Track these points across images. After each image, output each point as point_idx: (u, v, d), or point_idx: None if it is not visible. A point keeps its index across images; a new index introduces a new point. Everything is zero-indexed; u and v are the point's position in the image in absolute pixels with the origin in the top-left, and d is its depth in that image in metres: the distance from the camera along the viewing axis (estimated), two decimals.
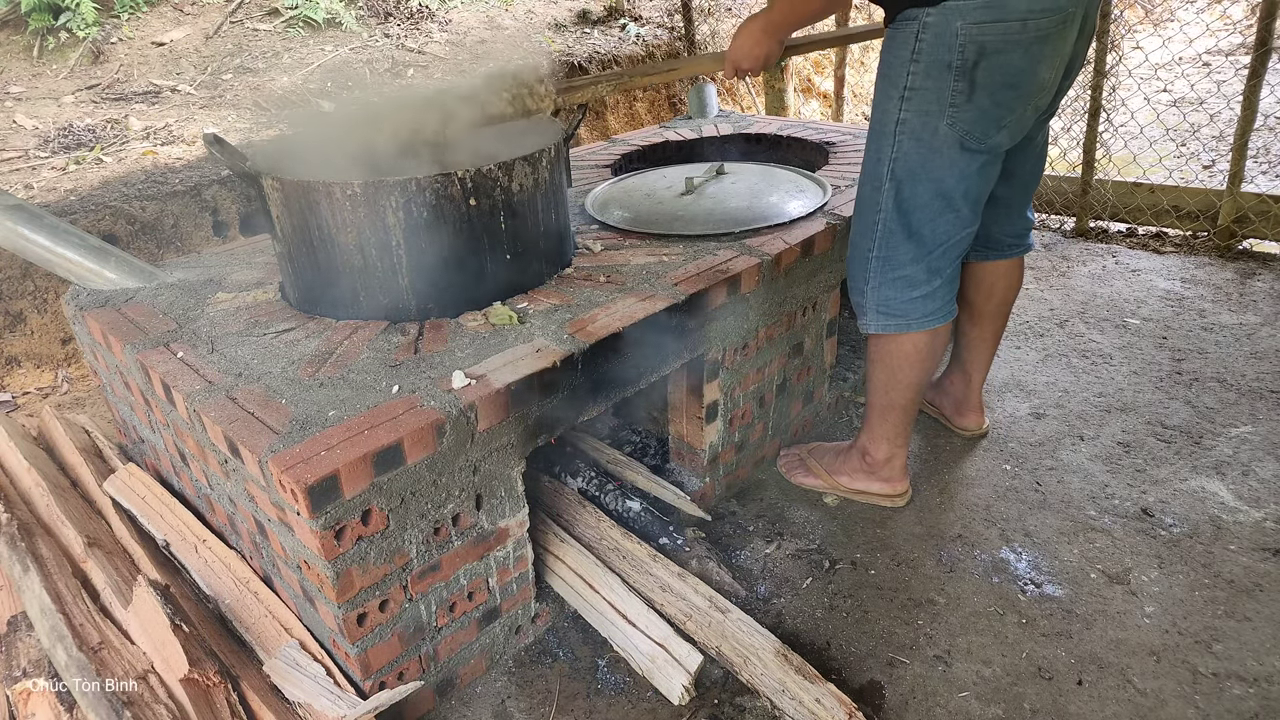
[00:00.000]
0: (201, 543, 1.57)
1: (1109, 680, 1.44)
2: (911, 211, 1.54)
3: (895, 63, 1.46)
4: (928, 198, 1.52)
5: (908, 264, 1.59)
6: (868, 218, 1.61)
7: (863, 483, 1.88)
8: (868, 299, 1.66)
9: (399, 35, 4.53)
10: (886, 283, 1.62)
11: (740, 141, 2.81)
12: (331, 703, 1.24)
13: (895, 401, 1.75)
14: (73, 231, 1.73)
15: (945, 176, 1.50)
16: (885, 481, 1.86)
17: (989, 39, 1.35)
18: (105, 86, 3.72)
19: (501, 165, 1.51)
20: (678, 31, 4.97)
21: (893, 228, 1.57)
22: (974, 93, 1.40)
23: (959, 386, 2.08)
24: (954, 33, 1.36)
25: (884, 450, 1.83)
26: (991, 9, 1.33)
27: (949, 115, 1.43)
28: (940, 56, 1.39)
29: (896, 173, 1.53)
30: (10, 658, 1.37)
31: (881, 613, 1.60)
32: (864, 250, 1.63)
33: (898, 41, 1.45)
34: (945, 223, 1.55)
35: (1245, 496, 1.85)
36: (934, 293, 1.61)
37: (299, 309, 1.63)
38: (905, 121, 1.48)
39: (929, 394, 2.16)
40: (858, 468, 1.88)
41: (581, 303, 1.59)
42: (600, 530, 1.66)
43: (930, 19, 1.38)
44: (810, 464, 1.96)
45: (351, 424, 1.23)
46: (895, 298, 1.62)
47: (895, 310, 1.63)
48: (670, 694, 1.40)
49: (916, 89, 1.44)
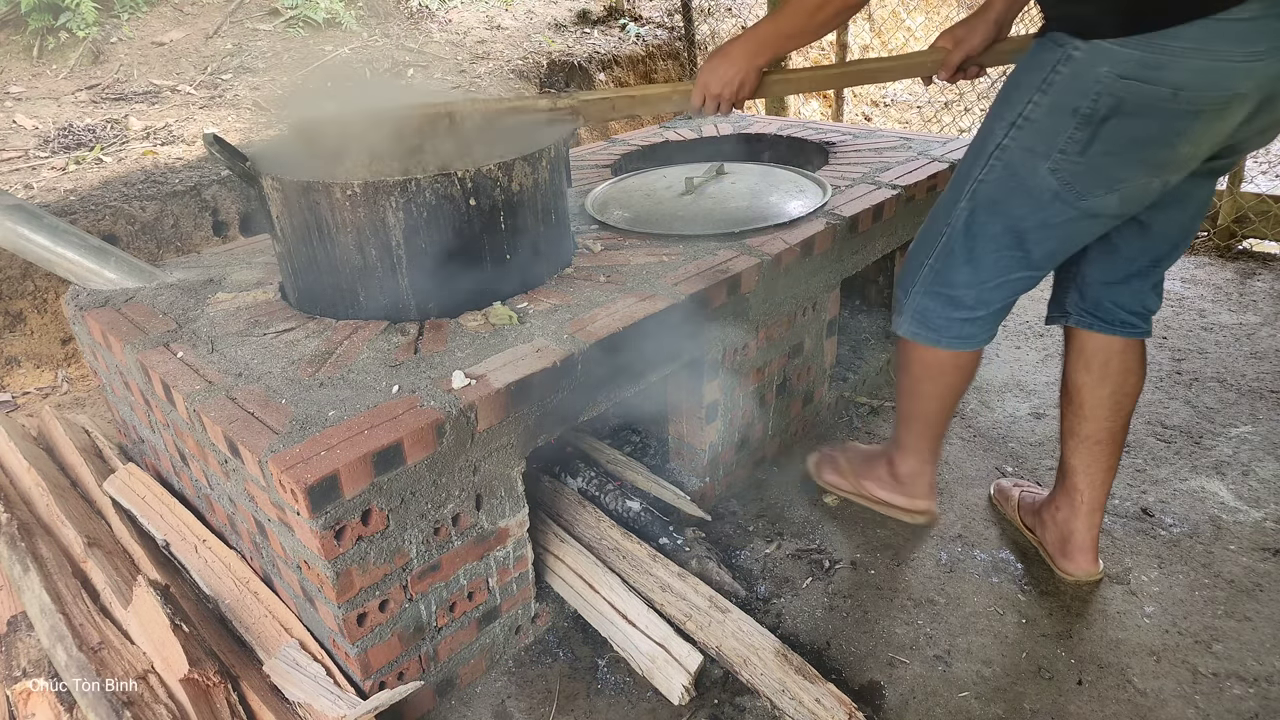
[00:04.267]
0: (201, 543, 1.57)
1: (1109, 680, 1.44)
2: (978, 238, 1.43)
3: (1024, 85, 1.30)
4: (999, 231, 1.40)
5: (959, 285, 1.48)
6: (937, 226, 1.50)
7: (886, 493, 1.80)
8: (909, 301, 1.56)
9: (399, 35, 4.53)
10: (932, 294, 1.52)
11: (740, 141, 2.81)
12: (331, 703, 1.24)
13: (917, 411, 1.66)
14: (73, 231, 1.73)
15: (1026, 218, 1.36)
16: (908, 497, 1.77)
17: (1131, 96, 1.17)
18: (105, 86, 3.72)
19: (501, 165, 1.51)
20: (678, 31, 4.97)
21: (955, 247, 1.46)
22: (1091, 147, 1.24)
23: (1064, 513, 1.65)
24: (1095, 78, 1.18)
25: (910, 464, 1.74)
26: (1147, 67, 1.14)
27: (1054, 160, 1.28)
28: (1070, 98, 1.22)
29: (978, 195, 1.40)
30: (10, 658, 1.37)
31: (881, 613, 1.60)
32: (922, 254, 1.53)
33: (1036, 62, 1.27)
34: (1010, 260, 1.42)
35: (1245, 496, 1.85)
36: (976, 320, 1.51)
37: (299, 309, 1.63)
38: (1006, 149, 1.34)
39: (1027, 516, 1.78)
40: (884, 477, 1.80)
41: (581, 303, 1.59)
42: (600, 530, 1.66)
43: (1077, 53, 1.20)
44: (840, 463, 1.90)
45: (351, 424, 1.23)
46: (935, 311, 1.53)
47: (931, 323, 1.54)
48: (670, 694, 1.40)
49: (1031, 121, 1.29)
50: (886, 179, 2.22)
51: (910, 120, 5.52)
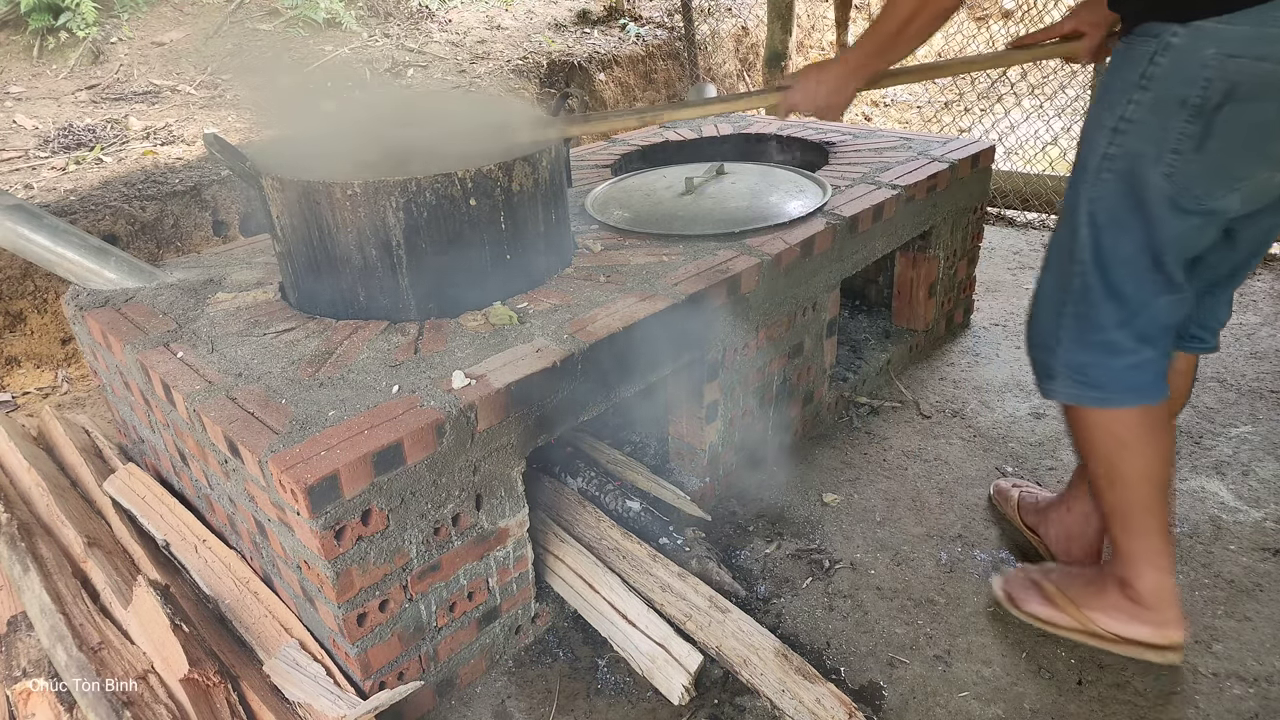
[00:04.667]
0: (201, 543, 1.57)
1: (1109, 680, 1.44)
2: (1112, 265, 1.26)
3: (1117, 86, 1.19)
4: (1132, 251, 1.24)
5: (1111, 328, 1.29)
6: (1062, 265, 1.33)
7: (1124, 624, 1.43)
8: (1057, 360, 1.36)
9: (399, 35, 4.54)
10: (1083, 346, 1.33)
11: (740, 141, 2.81)
12: (331, 703, 1.24)
13: (1128, 502, 1.38)
14: (73, 231, 1.73)
15: (1156, 232, 1.22)
16: (1155, 626, 1.42)
17: (1245, 79, 1.07)
18: (105, 86, 3.72)
19: (501, 165, 1.51)
20: (678, 31, 4.97)
21: (1090, 282, 1.29)
22: (1206, 141, 1.13)
23: (1076, 518, 1.63)
24: (1201, 62, 1.09)
25: (1148, 577, 1.40)
26: (1258, 43, 1.05)
27: (1167, 163, 1.16)
28: (1175, 89, 1.12)
29: (1097, 217, 1.25)
30: (10, 658, 1.37)
31: (881, 613, 1.60)
32: (1055, 302, 1.35)
33: (1127, 61, 1.18)
34: (1152, 284, 1.26)
35: (1245, 496, 1.85)
36: (1143, 364, 1.31)
37: (299, 309, 1.63)
38: (1112, 158, 1.21)
39: (1028, 515, 1.74)
40: (1117, 604, 1.45)
41: (581, 303, 1.59)
42: (600, 530, 1.66)
43: (1175, 39, 1.10)
44: (1048, 589, 1.53)
45: (351, 424, 1.23)
46: (1093, 364, 1.32)
47: (1093, 379, 1.33)
48: (670, 694, 1.40)
49: (1134, 123, 1.17)
50: (886, 179, 2.22)
51: (910, 120, 5.52)
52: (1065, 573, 1.55)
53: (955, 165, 2.33)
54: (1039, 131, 4.02)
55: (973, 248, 2.60)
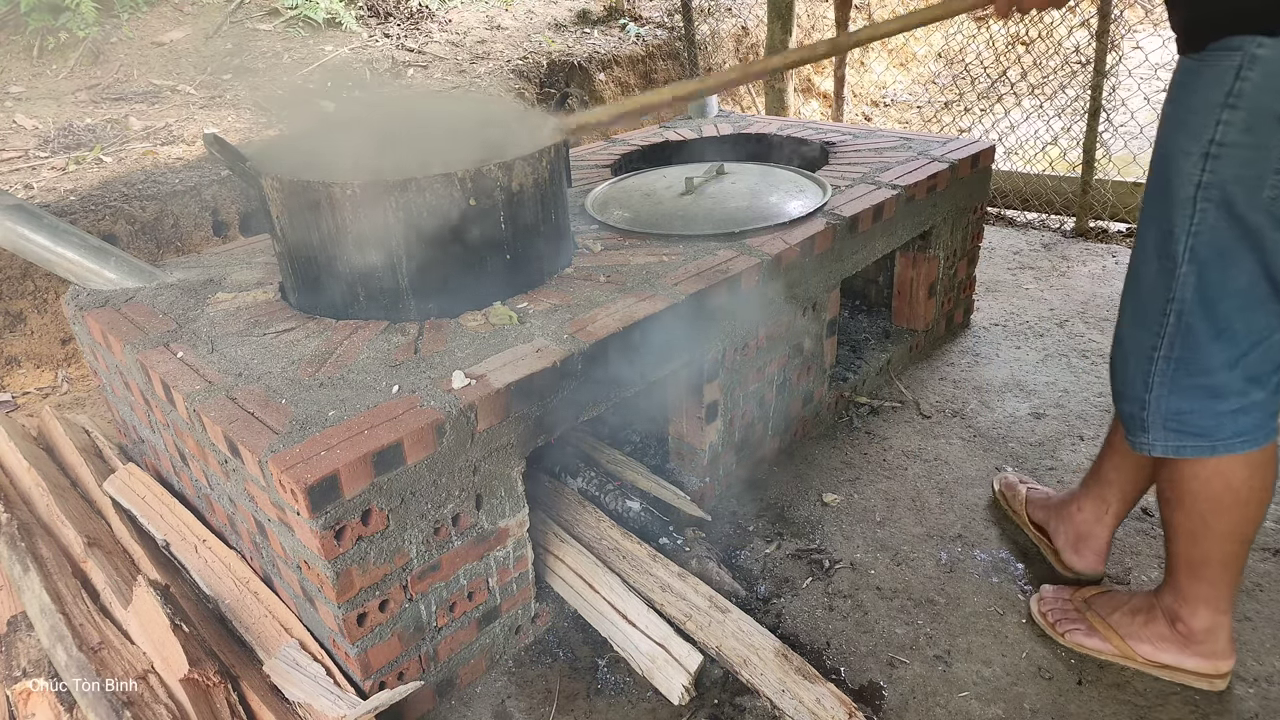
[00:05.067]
0: (201, 543, 1.57)
1: (1109, 680, 1.44)
2: (1220, 300, 1.18)
3: (1197, 107, 1.12)
4: (1245, 284, 1.16)
5: (1218, 369, 1.21)
6: (1151, 305, 1.24)
7: (1172, 655, 1.41)
8: (1150, 410, 1.28)
9: (399, 35, 4.54)
10: (1180, 391, 1.24)
11: (740, 141, 2.81)
12: (331, 703, 1.24)
13: (1211, 556, 1.32)
14: (73, 231, 1.73)
15: (1268, 258, 1.14)
16: (1205, 658, 1.39)
17: None
18: (105, 86, 3.72)
19: (501, 165, 1.51)
20: (678, 31, 4.97)
21: (1193, 322, 1.20)
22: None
23: (1087, 515, 1.61)
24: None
25: (1204, 618, 1.37)
26: None
27: (1271, 185, 1.08)
28: (1270, 104, 1.05)
29: (1199, 252, 1.16)
30: (10, 658, 1.37)
31: (881, 613, 1.60)
32: (1144, 347, 1.27)
33: (1204, 79, 1.10)
34: (1265, 314, 1.18)
35: None
36: (1249, 406, 1.22)
37: (299, 309, 1.63)
38: (1209, 186, 1.13)
39: (1036, 512, 1.73)
40: (1165, 636, 1.42)
41: (581, 303, 1.59)
42: (600, 530, 1.66)
43: (1263, 51, 1.04)
44: (1092, 619, 1.50)
45: (351, 424, 1.23)
46: (1193, 410, 1.24)
47: (1192, 427, 1.25)
48: (670, 694, 1.40)
49: (1228, 145, 1.10)
50: (886, 179, 2.22)
51: (910, 120, 5.52)
52: (1108, 600, 1.52)
53: (955, 165, 2.33)
54: (1039, 131, 4.02)
55: (973, 248, 2.60)
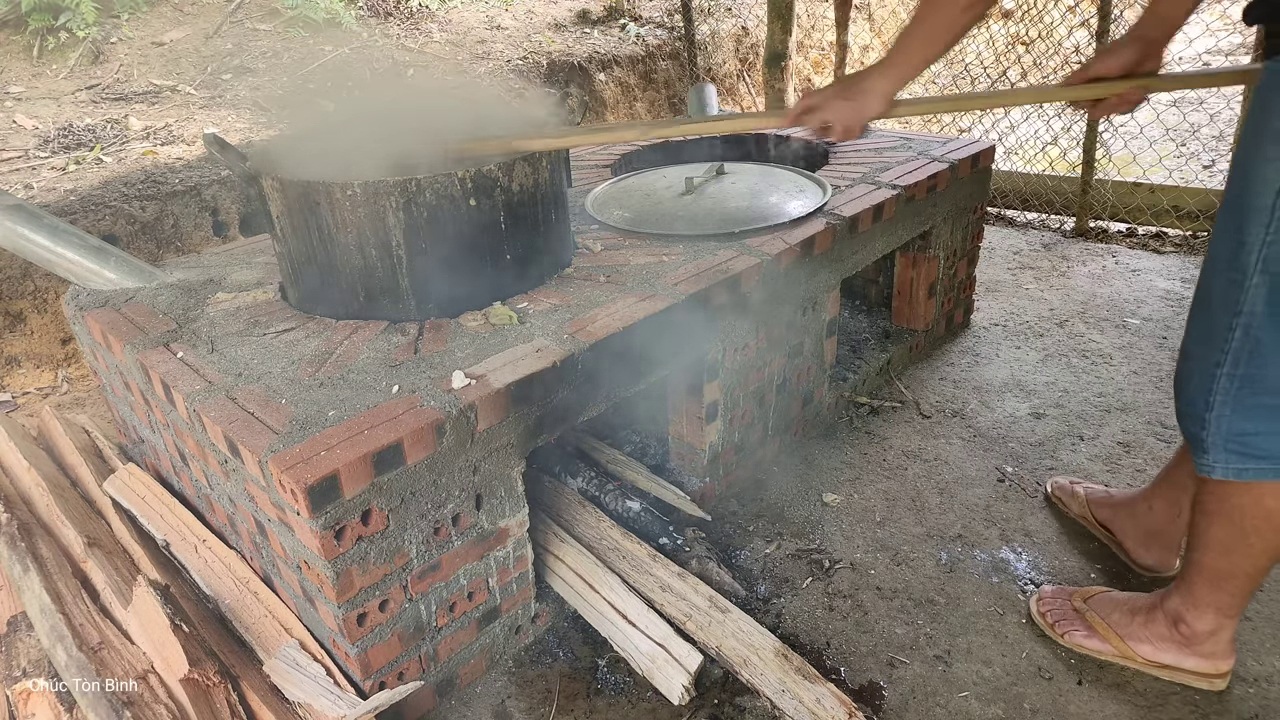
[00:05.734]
0: (201, 543, 1.57)
1: (1109, 680, 1.44)
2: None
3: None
4: None
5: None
6: (1218, 320, 1.20)
7: (1172, 655, 1.42)
8: (1210, 430, 1.23)
9: (399, 35, 4.54)
10: (1245, 411, 1.20)
11: (740, 141, 2.81)
12: (331, 703, 1.24)
13: (1240, 570, 1.31)
14: (73, 231, 1.73)
15: None
16: (1205, 658, 1.40)
17: None
18: (105, 86, 3.72)
19: (501, 165, 1.51)
20: (678, 31, 4.97)
21: (1262, 336, 1.15)
22: None
23: (1159, 516, 1.58)
24: None
25: (1209, 622, 1.37)
26: None
27: None
28: None
29: (1272, 262, 1.11)
30: (10, 658, 1.37)
31: (881, 613, 1.60)
32: (1209, 362, 1.22)
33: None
34: None
35: None
36: None
37: (299, 309, 1.63)
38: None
39: (1101, 511, 1.71)
40: (1166, 637, 1.42)
41: (581, 303, 1.59)
42: (600, 530, 1.66)
43: None
44: (1092, 620, 1.50)
45: (351, 424, 1.23)
46: (1259, 432, 1.19)
47: (1256, 449, 1.20)
48: (670, 694, 1.40)
49: None
50: (886, 179, 2.22)
51: (910, 120, 5.52)
52: (1107, 600, 1.51)
53: (955, 165, 2.33)
54: (1039, 131, 4.02)
55: (973, 248, 2.60)
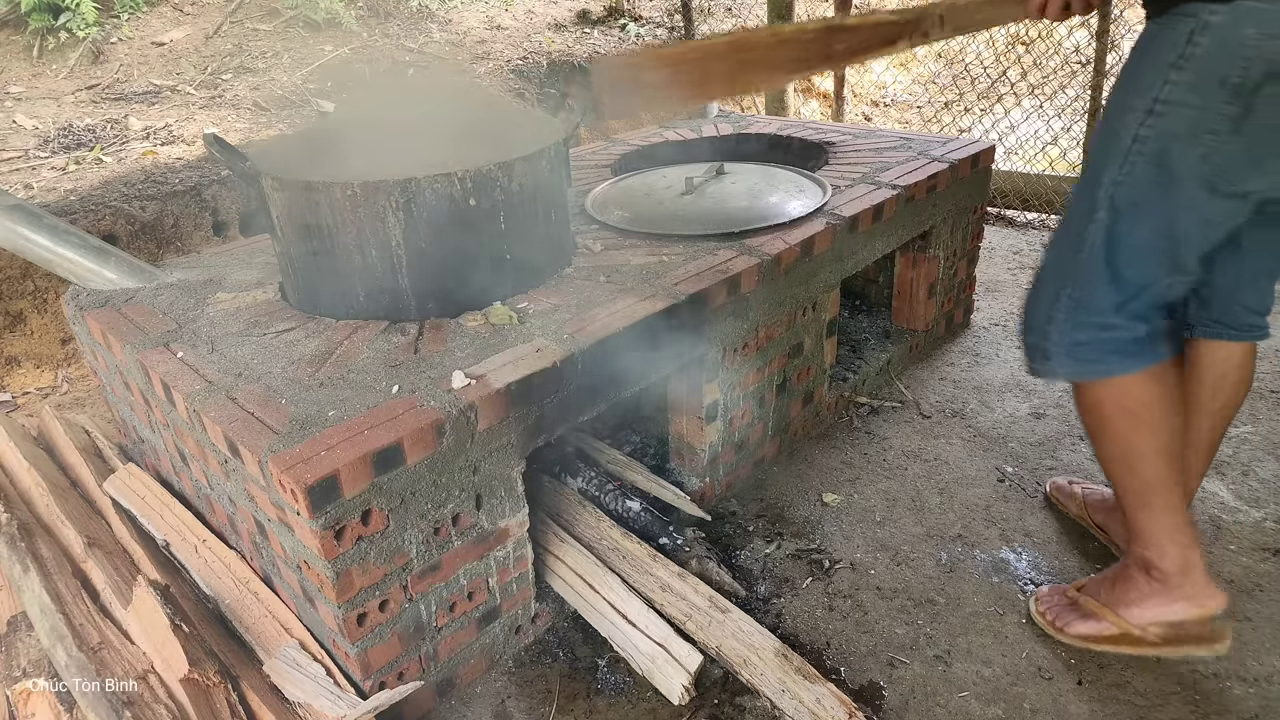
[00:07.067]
0: (201, 543, 1.57)
1: (1109, 680, 1.44)
2: (1123, 250, 1.26)
3: (1149, 66, 1.18)
4: (1149, 237, 1.24)
5: (1106, 310, 1.31)
6: (1069, 247, 1.33)
7: (1158, 608, 1.42)
8: (1051, 341, 1.36)
9: (399, 35, 4.54)
10: (1079, 325, 1.33)
11: (740, 141, 2.81)
12: (331, 703, 1.24)
13: (1144, 479, 1.37)
14: (73, 231, 1.73)
15: (1180, 217, 1.21)
16: (1189, 600, 1.39)
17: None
18: (105, 86, 3.72)
19: (501, 165, 1.51)
20: (678, 31, 4.97)
21: (1095, 266, 1.29)
22: (1244, 122, 1.12)
23: None
24: (1241, 41, 1.08)
25: (1173, 556, 1.39)
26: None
27: (1205, 144, 1.15)
28: (1215, 68, 1.11)
29: (1117, 201, 1.24)
30: (10, 658, 1.37)
31: (881, 613, 1.60)
32: (1055, 283, 1.35)
33: (1160, 41, 1.17)
34: (1158, 270, 1.27)
35: (1245, 496, 1.85)
36: (1140, 338, 1.32)
37: (299, 309, 1.63)
38: (1144, 140, 1.20)
39: (1098, 514, 1.73)
40: (1146, 590, 1.43)
41: (581, 303, 1.59)
42: (600, 530, 1.66)
43: (1215, 18, 1.09)
44: (1085, 604, 1.52)
45: (351, 424, 1.23)
46: (1088, 341, 1.33)
47: (1090, 353, 1.34)
48: (670, 694, 1.40)
49: (1171, 104, 1.16)
50: (886, 179, 2.22)
51: (910, 120, 5.52)
52: (1095, 581, 1.55)
53: (955, 165, 2.33)
54: (1039, 131, 4.02)
55: (973, 248, 2.60)
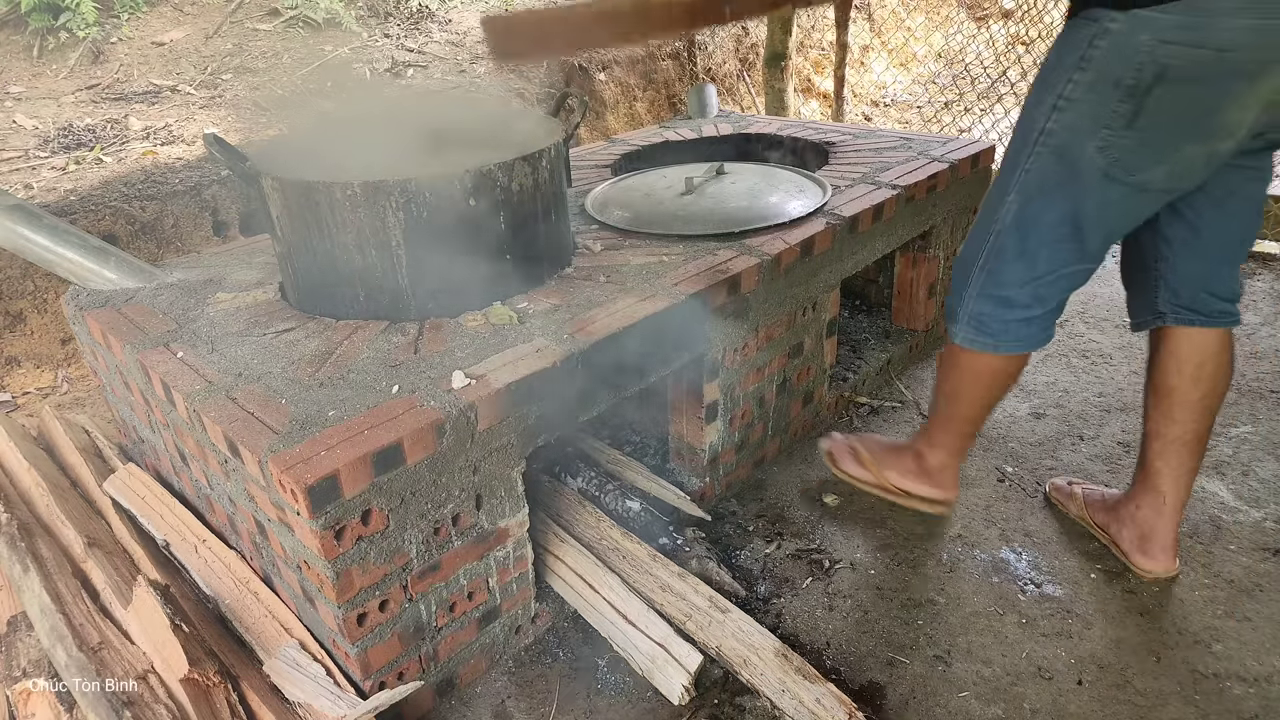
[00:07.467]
0: (201, 543, 1.57)
1: (1109, 680, 1.44)
2: (1030, 231, 1.41)
3: (1059, 65, 1.30)
4: (1054, 220, 1.38)
5: (1012, 285, 1.46)
6: (985, 225, 1.48)
7: (912, 483, 1.80)
8: (964, 308, 1.54)
9: (399, 35, 4.54)
10: (986, 297, 1.50)
11: (740, 141, 2.81)
12: (331, 703, 1.24)
13: (960, 414, 1.66)
14: (73, 231, 1.73)
15: (1079, 202, 1.35)
16: (936, 486, 1.77)
17: (1175, 64, 1.17)
18: (105, 86, 3.72)
19: (501, 165, 1.51)
20: None
21: (1006, 244, 1.44)
22: (1137, 120, 1.23)
23: (1146, 512, 1.63)
24: (1136, 47, 1.18)
25: (939, 458, 1.75)
26: (1189, 30, 1.14)
27: (1101, 138, 1.27)
28: (1112, 70, 1.22)
29: (1026, 185, 1.39)
30: (10, 658, 1.37)
31: (881, 613, 1.60)
32: (973, 257, 1.52)
33: (1069, 42, 1.28)
34: (1065, 251, 1.41)
35: (1245, 496, 1.85)
36: (1034, 319, 1.48)
37: (299, 309, 1.63)
38: (1050, 133, 1.33)
39: (1098, 515, 1.76)
40: (910, 469, 1.80)
41: (581, 303, 1.59)
42: (600, 530, 1.66)
43: (1114, 25, 1.20)
44: (861, 454, 1.88)
45: (351, 424, 1.23)
46: (992, 315, 1.50)
47: (988, 327, 1.51)
48: (670, 694, 1.40)
49: (1073, 100, 1.28)
50: (886, 179, 2.22)
51: (910, 120, 5.52)
52: (872, 441, 1.91)
53: (955, 165, 2.33)
54: None
55: None
